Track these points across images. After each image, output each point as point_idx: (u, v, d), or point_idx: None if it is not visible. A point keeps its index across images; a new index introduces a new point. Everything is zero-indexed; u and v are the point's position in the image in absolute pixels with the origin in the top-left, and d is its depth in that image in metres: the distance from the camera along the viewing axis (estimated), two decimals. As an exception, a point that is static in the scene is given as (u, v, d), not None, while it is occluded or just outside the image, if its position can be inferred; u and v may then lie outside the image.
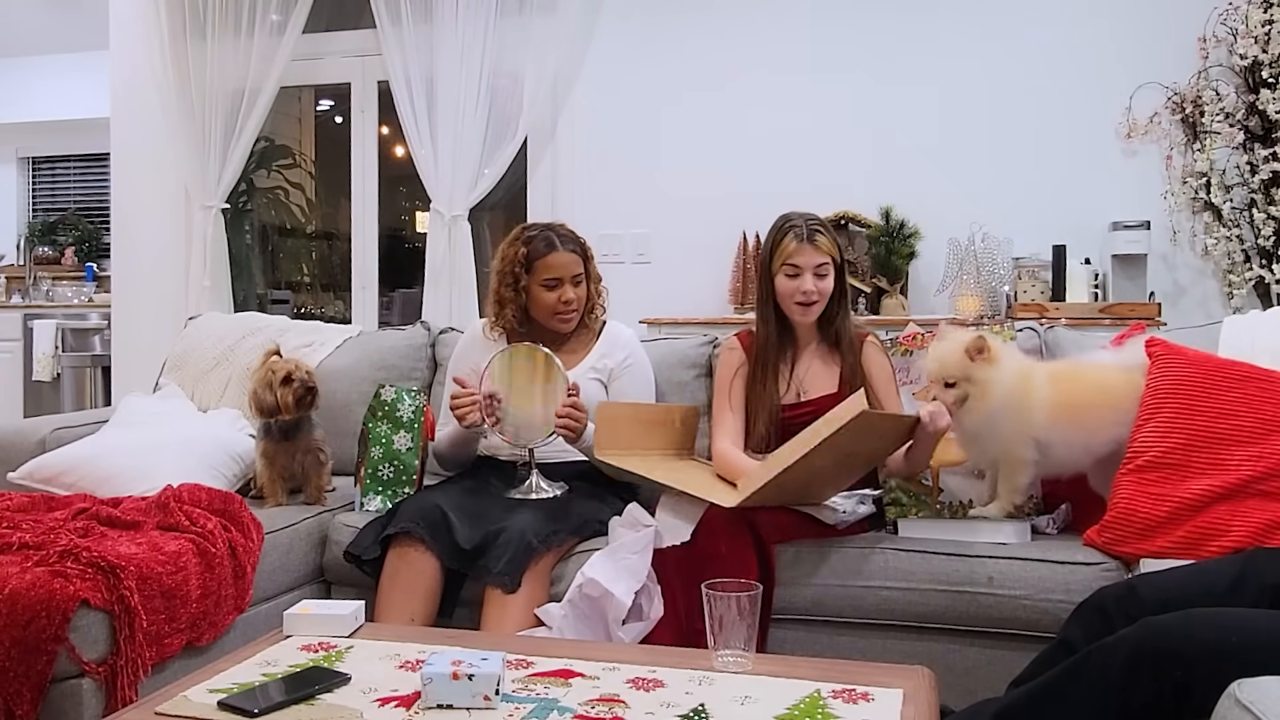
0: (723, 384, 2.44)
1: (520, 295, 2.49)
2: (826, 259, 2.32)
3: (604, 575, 2.05)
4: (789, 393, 2.38)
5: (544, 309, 2.49)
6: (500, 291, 2.51)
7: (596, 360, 2.54)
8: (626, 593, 2.03)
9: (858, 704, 1.45)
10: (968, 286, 3.93)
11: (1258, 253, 3.72)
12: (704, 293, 4.21)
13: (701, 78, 4.29)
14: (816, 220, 2.36)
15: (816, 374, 2.39)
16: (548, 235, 2.50)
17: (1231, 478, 1.98)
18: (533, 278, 2.47)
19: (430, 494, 2.34)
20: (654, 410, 2.48)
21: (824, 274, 2.33)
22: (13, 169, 6.88)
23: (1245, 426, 2.02)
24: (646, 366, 2.60)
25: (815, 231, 2.32)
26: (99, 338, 5.92)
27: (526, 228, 2.54)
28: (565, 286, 2.47)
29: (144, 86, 4.70)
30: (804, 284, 2.31)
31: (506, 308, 2.50)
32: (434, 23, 4.40)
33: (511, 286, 2.48)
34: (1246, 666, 1.25)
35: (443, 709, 1.43)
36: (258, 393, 2.46)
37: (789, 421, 2.32)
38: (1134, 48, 3.87)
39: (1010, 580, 2.02)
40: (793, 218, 2.36)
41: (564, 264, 2.47)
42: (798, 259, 2.31)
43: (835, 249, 2.34)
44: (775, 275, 2.35)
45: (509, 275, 2.48)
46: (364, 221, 4.87)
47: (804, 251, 2.30)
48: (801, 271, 2.31)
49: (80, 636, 1.75)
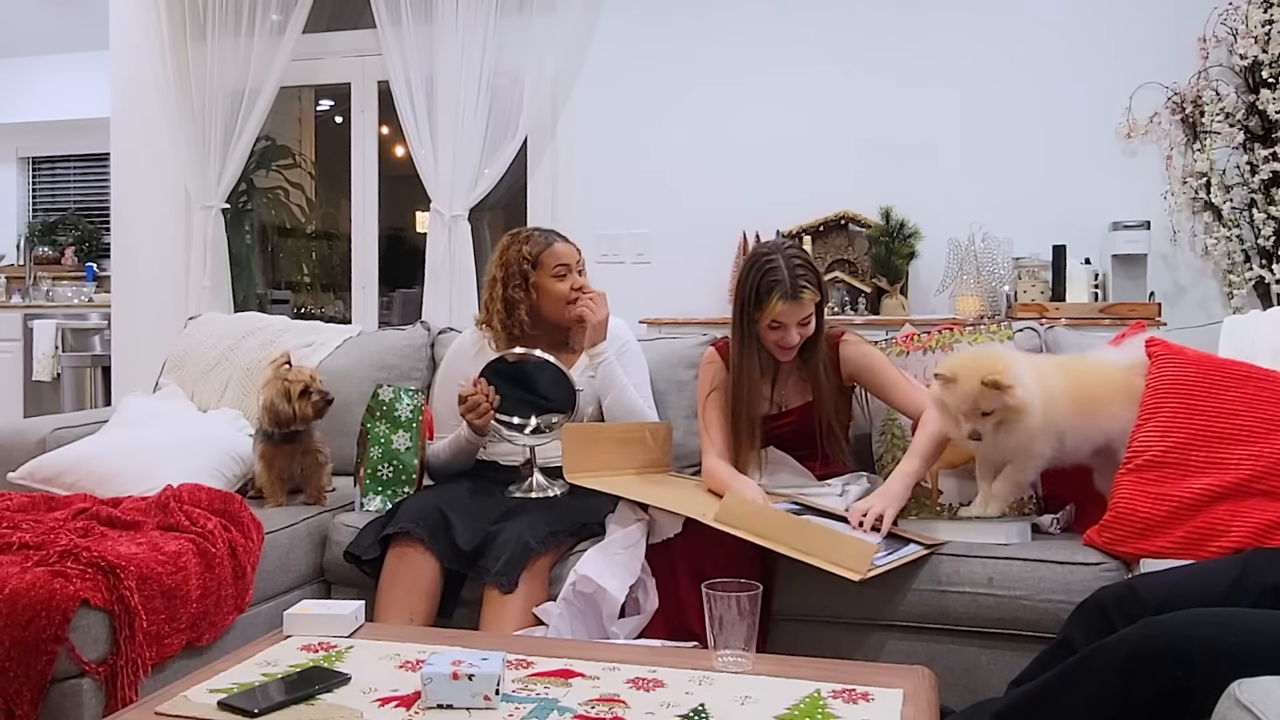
0: (702, 397, 2.41)
1: (531, 293, 2.49)
2: (811, 308, 2.24)
3: (596, 571, 2.06)
4: (771, 406, 2.38)
5: (558, 299, 2.48)
6: (508, 295, 2.49)
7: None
8: (620, 588, 2.04)
9: (858, 704, 1.45)
10: (968, 286, 3.93)
11: (1258, 253, 3.72)
12: (704, 293, 4.21)
13: (702, 77, 4.29)
14: (801, 266, 2.22)
15: (795, 385, 2.38)
16: (543, 232, 2.54)
17: (1231, 476, 1.97)
18: (541, 272, 2.48)
19: (430, 494, 2.34)
20: (624, 429, 2.42)
21: (807, 321, 2.26)
22: (13, 169, 6.88)
23: (1245, 425, 2.01)
24: (640, 352, 2.62)
25: (801, 288, 2.20)
26: (99, 338, 5.92)
27: (518, 232, 2.57)
28: (573, 274, 2.49)
29: (144, 86, 4.70)
30: (788, 338, 2.25)
31: (517, 309, 2.49)
32: (434, 23, 4.40)
33: (521, 286, 2.48)
34: (1246, 666, 1.25)
35: (443, 709, 1.43)
36: (274, 403, 2.43)
37: (770, 433, 2.34)
38: (1134, 48, 3.87)
39: (1010, 580, 2.02)
40: (774, 266, 2.21)
41: (568, 252, 2.51)
42: (784, 317, 2.23)
43: (817, 290, 2.24)
44: (758, 325, 2.26)
45: (516, 275, 2.48)
46: (364, 221, 4.87)
47: (791, 311, 2.22)
48: (786, 326, 2.25)
49: (80, 636, 1.75)
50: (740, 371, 2.33)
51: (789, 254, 2.24)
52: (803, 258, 2.25)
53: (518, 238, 2.53)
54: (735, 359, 2.34)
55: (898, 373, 2.35)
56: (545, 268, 2.48)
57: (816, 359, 2.33)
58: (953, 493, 2.30)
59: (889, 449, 2.44)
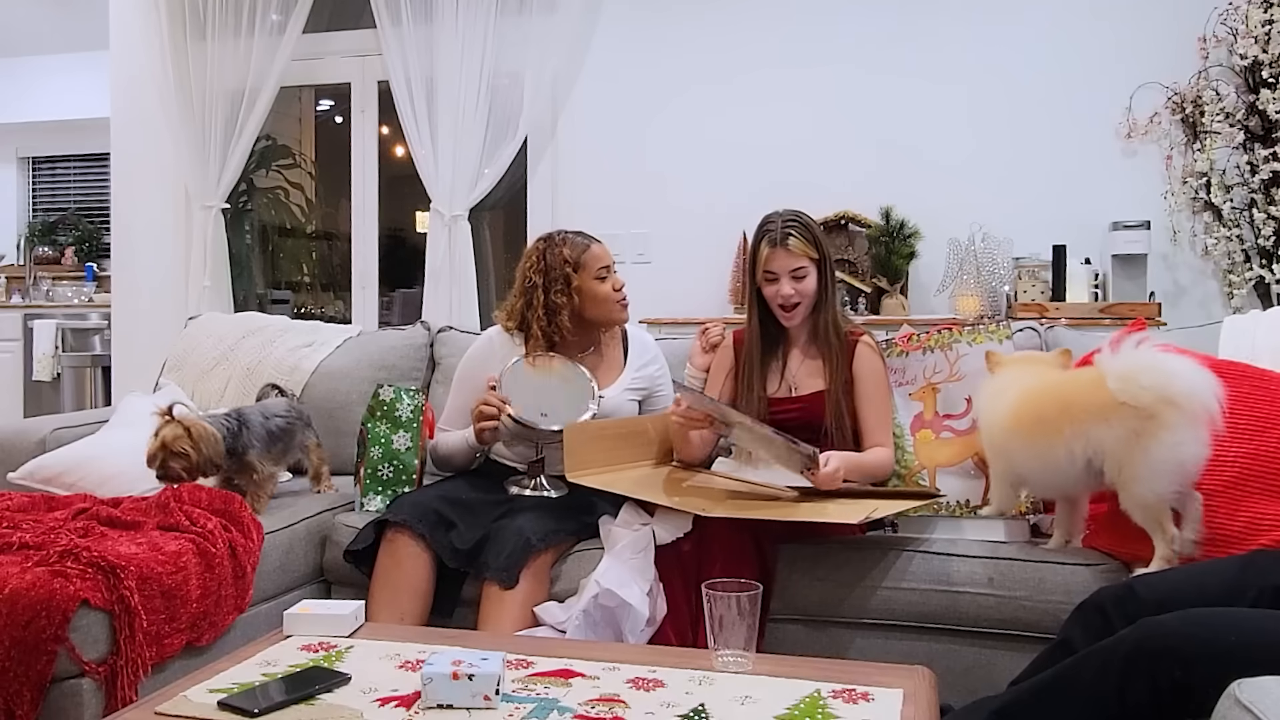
0: (714, 382, 2.46)
1: (574, 297, 2.42)
2: (803, 261, 2.28)
3: (618, 583, 2.03)
4: (781, 388, 2.38)
5: (603, 300, 2.44)
6: (551, 300, 2.41)
7: (633, 374, 2.52)
8: (642, 600, 2.02)
9: (858, 704, 1.45)
10: (968, 286, 3.93)
11: (1258, 253, 3.72)
12: (704, 293, 4.20)
13: (702, 77, 4.29)
14: (794, 220, 2.31)
15: (808, 371, 2.38)
16: (578, 235, 2.48)
17: (1228, 474, 1.98)
18: (584, 274, 2.42)
19: (430, 491, 2.34)
20: (624, 424, 2.40)
21: (802, 276, 2.29)
22: (13, 169, 6.88)
23: (1240, 424, 2.02)
24: (668, 371, 2.60)
25: (789, 235, 2.27)
26: (99, 338, 5.92)
27: (550, 236, 2.49)
28: (614, 274, 2.47)
29: (144, 86, 4.70)
30: (781, 289, 2.29)
31: (560, 314, 2.40)
32: (434, 23, 4.40)
33: (564, 291, 2.41)
34: (1246, 666, 1.25)
35: (443, 709, 1.43)
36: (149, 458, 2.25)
37: (777, 417, 2.32)
38: (1134, 48, 3.87)
39: (1010, 581, 2.02)
40: (770, 220, 2.32)
41: (606, 253, 2.48)
42: (772, 264, 2.29)
43: (812, 247, 2.29)
44: (757, 281, 2.34)
45: (559, 279, 2.41)
46: (364, 221, 4.87)
47: (777, 256, 2.27)
48: (778, 276, 2.29)
49: (80, 636, 1.75)
50: (750, 336, 2.38)
51: (786, 213, 2.34)
52: (799, 217, 2.33)
53: (553, 241, 2.46)
54: (746, 326, 2.40)
55: (887, 404, 2.34)
56: (588, 270, 2.43)
57: (830, 343, 2.33)
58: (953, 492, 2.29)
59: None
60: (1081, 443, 1.89)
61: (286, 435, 2.52)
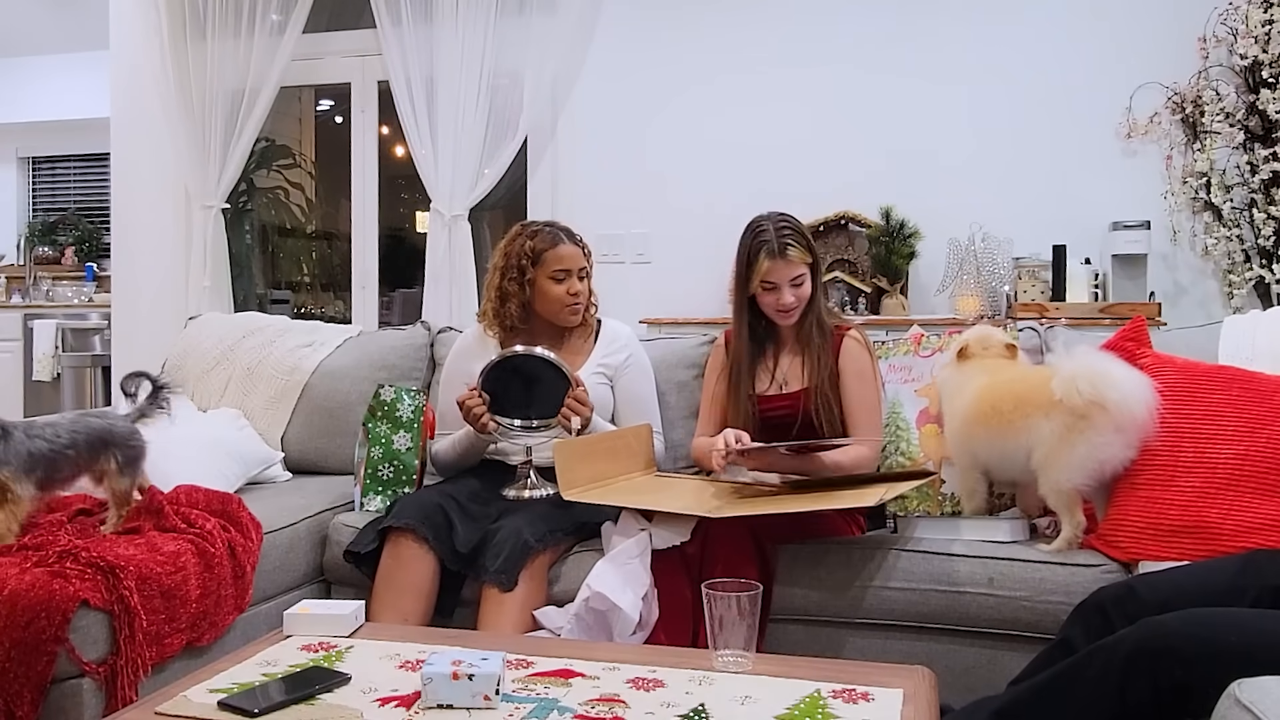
0: (707, 383, 2.50)
1: (525, 289, 2.48)
2: (801, 269, 2.31)
3: (610, 587, 2.03)
4: (771, 385, 2.40)
5: (552, 301, 2.48)
6: (504, 286, 2.49)
7: (599, 360, 2.54)
8: (633, 605, 2.02)
9: (858, 704, 1.44)
10: (968, 286, 3.93)
11: (1258, 253, 3.72)
12: (704, 293, 4.20)
13: (702, 77, 4.29)
14: (788, 226, 2.32)
15: (797, 369, 2.39)
16: (553, 230, 2.51)
17: (1221, 474, 1.98)
18: (540, 270, 2.46)
19: (431, 492, 2.34)
20: (607, 439, 2.40)
21: (800, 283, 2.32)
22: (13, 169, 6.88)
23: (1229, 426, 2.03)
24: (646, 362, 2.62)
25: (787, 245, 2.28)
26: (99, 338, 5.92)
27: (529, 224, 2.55)
28: (573, 279, 2.47)
29: (144, 86, 4.70)
30: (782, 298, 2.31)
31: (510, 302, 2.48)
32: (434, 23, 4.40)
33: (516, 280, 2.47)
34: (1246, 666, 1.25)
35: (443, 709, 1.43)
36: None
37: (766, 415, 2.35)
38: (1134, 48, 3.87)
39: (1010, 581, 2.02)
40: (764, 227, 2.31)
41: (572, 256, 2.48)
42: (772, 275, 2.29)
43: (807, 253, 2.31)
44: (752, 290, 2.34)
45: (514, 269, 2.48)
46: (364, 221, 4.87)
47: (778, 268, 2.28)
48: (778, 286, 2.31)
49: (80, 637, 1.75)
50: (739, 340, 2.40)
51: (776, 218, 2.34)
52: (790, 222, 2.35)
53: (526, 230, 2.52)
54: (735, 330, 2.41)
55: (873, 397, 2.36)
56: (545, 266, 2.46)
57: (814, 339, 2.35)
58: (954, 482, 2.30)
59: (892, 440, 2.44)
60: (1026, 435, 2.06)
61: (50, 464, 2.02)
